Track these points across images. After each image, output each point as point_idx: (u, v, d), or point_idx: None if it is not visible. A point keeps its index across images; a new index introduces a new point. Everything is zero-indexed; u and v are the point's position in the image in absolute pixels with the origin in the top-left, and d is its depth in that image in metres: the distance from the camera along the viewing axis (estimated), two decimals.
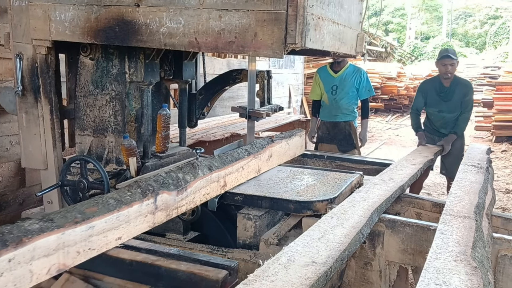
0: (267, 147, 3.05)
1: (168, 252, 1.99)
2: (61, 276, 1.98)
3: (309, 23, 2.31)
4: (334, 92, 4.61)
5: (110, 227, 1.67)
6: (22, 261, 1.37)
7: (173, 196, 2.00)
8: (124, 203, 1.74)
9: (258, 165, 2.95)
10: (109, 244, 1.69)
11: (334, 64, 4.66)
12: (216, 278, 1.79)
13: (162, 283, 1.88)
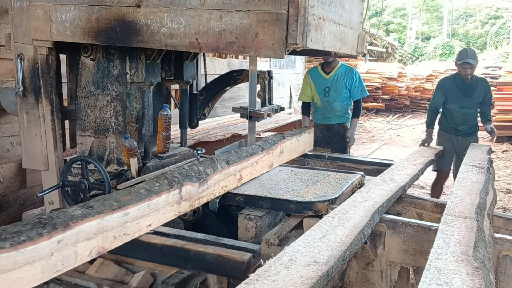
0: (279, 143, 3.21)
1: (196, 237, 2.12)
2: (96, 261, 2.12)
3: (310, 24, 2.31)
4: (327, 94, 4.51)
5: (142, 215, 1.83)
6: (68, 243, 1.53)
7: (196, 188, 2.18)
8: (153, 193, 1.90)
9: (270, 160, 3.11)
10: (141, 230, 1.84)
11: (324, 65, 4.55)
12: (242, 260, 1.92)
13: (191, 265, 2.01)
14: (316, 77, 4.60)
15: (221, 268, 1.96)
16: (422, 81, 14.49)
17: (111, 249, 1.71)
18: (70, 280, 2.14)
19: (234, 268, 1.93)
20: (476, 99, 4.64)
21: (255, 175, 2.89)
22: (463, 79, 4.61)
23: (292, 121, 7.60)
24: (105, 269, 2.19)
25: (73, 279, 2.13)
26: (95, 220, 1.62)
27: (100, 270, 2.20)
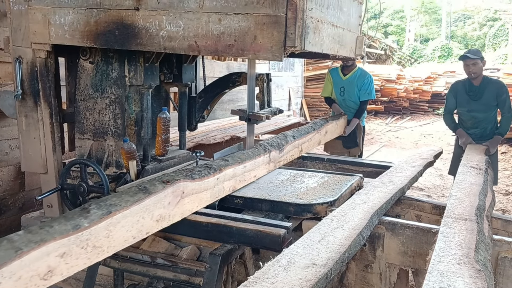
0: (325, 125, 4.26)
1: (235, 216, 2.42)
2: (148, 237, 2.34)
3: (308, 26, 2.31)
4: (342, 93, 4.96)
5: (251, 168, 2.87)
6: (221, 180, 2.53)
7: (277, 154, 3.23)
8: (256, 154, 2.95)
9: (319, 138, 4.12)
10: (251, 179, 2.89)
11: (344, 68, 4.98)
12: (278, 234, 2.19)
13: (233, 240, 2.30)
14: (335, 77, 5.04)
15: (261, 242, 2.24)
16: (421, 83, 14.51)
17: (237, 188, 2.75)
18: (126, 254, 2.41)
19: (272, 241, 2.20)
20: (486, 102, 4.46)
21: (309, 149, 3.93)
22: (471, 82, 4.53)
23: (291, 124, 7.60)
24: (157, 244, 2.48)
25: (128, 253, 2.41)
26: (231, 168, 2.63)
27: (153, 246, 2.48)
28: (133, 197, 1.91)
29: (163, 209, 2.07)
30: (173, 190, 2.12)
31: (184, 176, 2.24)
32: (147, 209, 1.95)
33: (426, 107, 14.84)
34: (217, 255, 2.24)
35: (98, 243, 1.72)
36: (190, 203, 2.29)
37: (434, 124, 12.77)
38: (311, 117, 11.23)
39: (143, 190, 1.98)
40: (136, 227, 1.91)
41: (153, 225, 2.03)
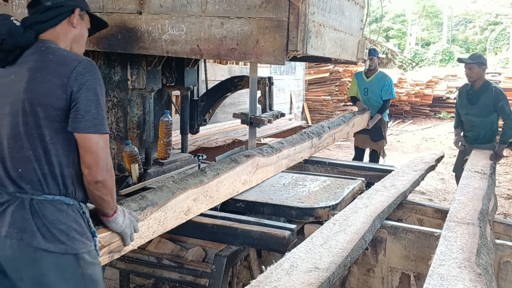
0: (352, 119, 4.93)
1: (240, 218, 2.44)
2: (154, 239, 2.34)
3: (310, 30, 2.32)
4: (366, 93, 5.62)
5: (299, 151, 3.57)
6: (280, 158, 3.23)
7: (317, 140, 3.93)
8: (303, 140, 3.65)
9: (348, 130, 4.83)
10: (298, 160, 3.63)
11: (367, 71, 5.70)
12: (283, 236, 2.21)
13: (239, 241, 2.33)
14: (359, 79, 5.72)
15: (266, 243, 2.26)
16: (422, 87, 14.50)
17: (290, 166, 3.45)
18: (132, 256, 2.42)
19: (277, 243, 2.22)
20: (481, 107, 4.49)
21: (340, 139, 4.82)
22: (472, 85, 4.59)
23: (293, 127, 7.60)
24: (163, 246, 2.52)
25: (135, 255, 2.43)
26: (286, 149, 3.31)
27: (159, 247, 2.52)
28: (229, 165, 2.62)
29: (246, 176, 2.80)
30: (252, 162, 2.83)
31: (258, 152, 2.95)
32: (237, 174, 2.68)
33: (428, 111, 14.82)
34: (222, 256, 2.26)
35: (212, 194, 2.47)
36: (261, 174, 2.99)
37: (435, 128, 12.76)
38: (313, 121, 11.23)
39: (234, 161, 2.69)
40: (231, 187, 2.64)
41: (240, 187, 2.76)
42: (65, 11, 1.66)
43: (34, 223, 1.49)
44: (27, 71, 1.54)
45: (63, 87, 1.51)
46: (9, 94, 1.55)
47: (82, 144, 1.54)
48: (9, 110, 1.54)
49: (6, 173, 1.55)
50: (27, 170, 1.53)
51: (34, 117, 1.51)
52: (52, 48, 1.61)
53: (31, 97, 1.51)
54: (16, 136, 1.53)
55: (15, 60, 1.58)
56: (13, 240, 1.49)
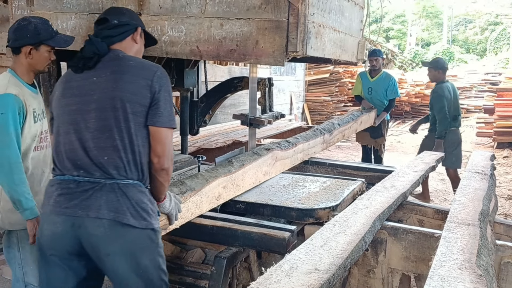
0: (360, 117, 5.27)
1: (240, 220, 2.44)
2: None
3: (310, 31, 2.31)
4: (370, 92, 5.84)
5: (312, 146, 3.85)
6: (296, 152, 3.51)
7: (328, 136, 4.25)
8: (315, 135, 3.96)
9: (356, 127, 5.15)
10: (311, 154, 3.90)
11: (371, 71, 5.90)
12: (283, 237, 2.22)
13: (238, 243, 2.32)
14: (364, 79, 5.93)
15: (265, 245, 2.26)
16: (423, 88, 14.50)
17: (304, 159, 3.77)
18: None
19: (277, 244, 2.22)
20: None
21: (348, 135, 5.20)
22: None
23: (293, 128, 7.60)
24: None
25: None
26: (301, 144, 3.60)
27: None
28: (252, 157, 2.88)
29: (266, 167, 3.05)
30: (271, 155, 3.10)
31: (276, 146, 3.24)
32: (259, 166, 2.94)
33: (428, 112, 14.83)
34: (222, 258, 2.26)
35: (238, 183, 2.71)
36: (279, 166, 3.25)
37: None
38: (313, 122, 11.23)
39: (256, 154, 2.97)
40: (254, 176, 2.90)
41: (262, 177, 3.03)
42: (130, 28, 1.94)
43: (124, 204, 1.75)
44: (112, 73, 1.79)
45: (148, 87, 1.79)
46: (93, 93, 1.79)
47: (156, 136, 1.81)
48: (95, 107, 1.77)
49: (91, 160, 1.76)
50: (113, 158, 1.76)
51: (123, 112, 1.76)
52: (128, 56, 1.90)
53: (121, 95, 1.76)
54: (104, 128, 1.76)
55: (93, 66, 1.82)
56: (104, 220, 1.72)
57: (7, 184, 2.17)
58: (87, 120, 1.78)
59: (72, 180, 1.78)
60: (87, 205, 1.74)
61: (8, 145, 2.14)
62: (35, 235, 2.23)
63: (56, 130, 1.87)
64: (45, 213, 1.83)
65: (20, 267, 2.35)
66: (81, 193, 1.75)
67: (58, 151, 1.84)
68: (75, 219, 1.74)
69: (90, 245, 1.77)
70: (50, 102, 1.97)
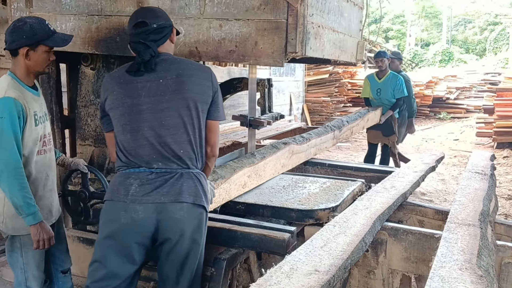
0: (367, 114, 5.54)
1: (239, 221, 2.44)
2: None
3: (309, 32, 2.31)
4: (378, 93, 6.06)
5: (324, 141, 4.16)
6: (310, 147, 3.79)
7: (338, 133, 4.56)
8: (326, 132, 4.26)
9: (363, 124, 5.41)
10: (324, 149, 4.30)
11: (378, 73, 6.13)
12: (283, 238, 2.22)
13: (238, 244, 2.32)
14: (372, 80, 6.16)
15: (265, 246, 2.26)
16: (422, 88, 14.49)
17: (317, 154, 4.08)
18: None
19: (277, 246, 2.22)
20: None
21: (356, 132, 5.37)
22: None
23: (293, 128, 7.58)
24: None
25: None
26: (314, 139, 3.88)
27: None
28: (271, 150, 3.13)
29: (284, 160, 3.29)
30: (289, 149, 3.36)
31: (292, 141, 3.51)
32: (278, 158, 3.18)
33: (428, 112, 14.80)
34: (222, 259, 2.26)
35: (260, 173, 2.96)
36: (295, 159, 3.51)
37: (435, 129, 12.74)
38: (313, 122, 11.22)
39: (275, 147, 3.21)
40: (273, 168, 3.14)
41: (280, 169, 3.27)
42: (169, 30, 2.07)
43: (200, 189, 2.01)
44: (179, 76, 1.99)
45: (210, 87, 2.05)
46: (163, 94, 1.98)
47: (212, 128, 2.08)
48: (168, 106, 1.98)
49: (169, 153, 1.99)
50: (188, 151, 2.01)
51: (195, 111, 2.00)
52: (183, 59, 2.13)
53: (193, 96, 1.99)
54: (179, 125, 1.99)
55: (154, 68, 1.99)
56: (185, 204, 1.97)
57: (8, 189, 2.14)
58: (161, 118, 1.98)
59: (149, 172, 1.98)
60: (169, 191, 1.95)
61: (8, 150, 2.12)
62: (39, 240, 2.22)
63: (120, 128, 2.02)
64: (122, 203, 1.97)
65: (23, 272, 2.34)
66: (161, 182, 1.96)
67: (128, 146, 2.01)
68: (157, 205, 1.95)
69: (167, 228, 1.97)
70: (103, 103, 2.06)
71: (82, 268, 2.91)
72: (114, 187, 2.02)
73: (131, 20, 2.06)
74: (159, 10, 2.12)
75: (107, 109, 2.06)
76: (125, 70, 2.03)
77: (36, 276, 2.36)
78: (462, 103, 14.77)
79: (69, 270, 2.63)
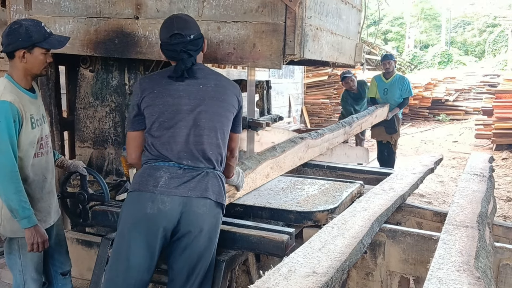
0: (375, 111, 6.02)
1: (238, 223, 2.45)
2: None
3: (307, 34, 2.32)
4: (386, 93, 6.48)
5: (336, 136, 4.54)
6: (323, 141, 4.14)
7: (348, 129, 4.96)
8: (338, 128, 4.68)
9: (371, 120, 5.87)
10: (335, 144, 4.60)
11: (385, 74, 6.57)
12: (282, 240, 2.23)
13: (237, 245, 2.34)
14: (379, 81, 6.61)
15: (264, 247, 2.28)
16: (421, 90, 14.51)
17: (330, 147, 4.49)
18: None
19: (276, 247, 2.24)
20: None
21: (365, 128, 5.94)
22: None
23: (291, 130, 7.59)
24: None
25: None
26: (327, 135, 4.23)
27: None
28: (290, 144, 3.40)
29: (301, 153, 3.58)
30: (305, 143, 3.64)
31: (308, 136, 3.80)
32: (296, 151, 3.45)
33: (427, 113, 14.83)
34: (221, 261, 2.25)
35: (281, 165, 3.22)
36: (310, 153, 3.82)
37: (434, 131, 12.75)
38: (312, 124, 11.23)
39: (293, 142, 3.48)
40: (292, 161, 3.41)
41: (297, 162, 3.56)
42: (202, 42, 2.20)
43: (222, 189, 2.16)
44: (217, 86, 2.16)
45: (238, 102, 2.23)
46: (202, 98, 2.12)
47: (234, 138, 2.28)
48: (206, 109, 2.12)
49: (203, 152, 2.11)
50: (215, 153, 2.15)
51: (226, 119, 2.18)
52: (218, 72, 2.29)
53: (226, 105, 2.17)
54: (213, 128, 2.13)
55: (194, 75, 2.13)
56: (208, 200, 2.08)
57: (4, 193, 2.15)
58: (198, 119, 2.11)
59: (178, 167, 2.08)
60: (196, 187, 2.06)
61: (3, 153, 2.12)
62: (33, 243, 2.22)
63: (157, 124, 2.10)
64: (150, 193, 2.04)
65: (21, 274, 2.34)
66: (189, 177, 2.07)
67: (162, 142, 2.10)
68: (183, 198, 2.04)
69: (189, 222, 2.06)
70: (139, 102, 2.11)
71: (81, 270, 2.91)
72: (143, 178, 2.08)
73: (165, 30, 2.14)
74: (191, 21, 2.19)
75: (143, 107, 2.12)
76: (166, 75, 2.13)
77: (35, 278, 2.36)
78: (461, 105, 14.78)
79: (69, 272, 2.63)
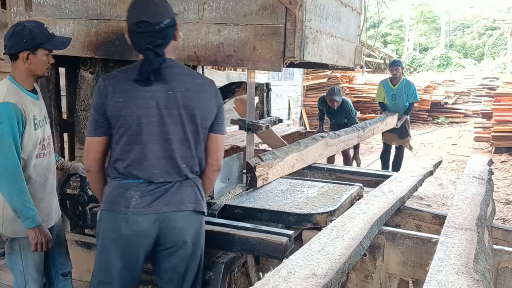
0: (386, 119, 6.35)
1: (237, 225, 2.44)
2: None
3: (307, 37, 2.32)
4: (394, 98, 6.70)
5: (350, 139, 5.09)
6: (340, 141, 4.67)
7: (362, 132, 5.42)
8: (352, 131, 5.21)
9: (382, 127, 6.24)
10: (349, 145, 5.34)
11: (392, 79, 6.73)
12: (281, 242, 2.23)
13: (236, 248, 2.33)
14: (386, 87, 6.79)
15: (263, 250, 2.27)
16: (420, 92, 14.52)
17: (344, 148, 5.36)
18: None
19: (275, 249, 2.24)
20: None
21: (376, 133, 6.29)
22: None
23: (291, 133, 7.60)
24: None
25: None
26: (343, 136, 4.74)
27: None
28: (312, 141, 3.84)
29: (321, 150, 4.04)
30: (325, 141, 4.12)
31: (327, 136, 4.25)
32: (317, 148, 3.90)
33: (426, 116, 14.85)
34: (220, 263, 2.27)
35: (304, 158, 3.63)
36: (328, 151, 4.25)
37: (433, 133, 12.77)
38: (311, 126, 11.24)
39: (315, 139, 3.91)
40: (313, 156, 3.84)
41: (317, 157, 3.97)
42: (174, 29, 1.97)
43: (199, 195, 2.05)
44: (188, 91, 1.95)
45: (215, 103, 2.04)
46: (172, 107, 1.93)
47: (215, 141, 2.08)
48: (177, 120, 1.94)
49: (176, 167, 1.98)
50: (190, 164, 2.01)
51: (201, 127, 2.00)
52: (190, 70, 2.07)
53: (200, 113, 1.98)
54: (185, 140, 1.98)
55: (160, 78, 1.90)
56: (186, 212, 1.99)
57: (7, 193, 2.16)
58: (168, 132, 1.94)
59: (148, 183, 1.95)
60: (170, 201, 1.96)
61: (7, 155, 2.13)
62: (37, 243, 2.23)
63: (125, 138, 1.93)
64: (123, 214, 1.93)
65: (22, 275, 2.35)
66: (162, 192, 1.96)
67: (132, 158, 1.94)
68: (159, 215, 1.94)
69: (168, 237, 1.98)
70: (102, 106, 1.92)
71: (80, 271, 2.91)
72: (114, 198, 1.96)
73: (132, 14, 1.90)
74: (163, 5, 1.93)
75: (108, 114, 1.92)
76: (131, 76, 1.90)
77: (36, 279, 2.36)
78: (460, 108, 14.80)
79: (70, 273, 2.63)
